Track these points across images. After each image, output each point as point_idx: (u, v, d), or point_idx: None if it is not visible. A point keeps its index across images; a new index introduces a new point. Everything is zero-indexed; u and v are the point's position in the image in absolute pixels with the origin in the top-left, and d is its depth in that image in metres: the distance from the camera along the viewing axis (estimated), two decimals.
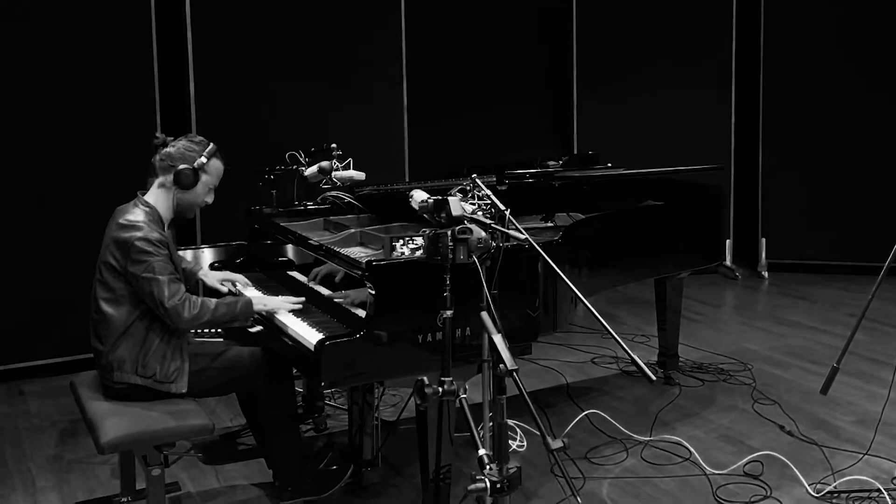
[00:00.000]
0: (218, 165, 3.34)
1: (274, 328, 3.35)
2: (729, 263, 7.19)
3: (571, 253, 3.38)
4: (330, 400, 4.51)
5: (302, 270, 3.88)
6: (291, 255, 4.04)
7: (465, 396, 2.28)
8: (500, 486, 2.00)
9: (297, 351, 3.11)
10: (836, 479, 3.60)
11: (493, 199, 2.80)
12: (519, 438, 4.02)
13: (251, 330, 3.70)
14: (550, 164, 4.40)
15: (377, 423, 3.68)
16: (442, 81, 6.79)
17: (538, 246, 2.58)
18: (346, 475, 3.60)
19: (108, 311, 3.18)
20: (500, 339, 2.04)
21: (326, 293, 3.48)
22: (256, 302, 3.35)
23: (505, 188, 3.63)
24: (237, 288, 3.75)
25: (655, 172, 4.51)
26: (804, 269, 7.15)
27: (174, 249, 3.29)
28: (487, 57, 7.03)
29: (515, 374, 1.97)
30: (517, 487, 2.02)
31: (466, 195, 2.43)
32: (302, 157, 4.28)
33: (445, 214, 2.30)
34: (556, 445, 1.86)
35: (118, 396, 3.23)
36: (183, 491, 3.70)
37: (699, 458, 3.82)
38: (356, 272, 3.08)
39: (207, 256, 4.25)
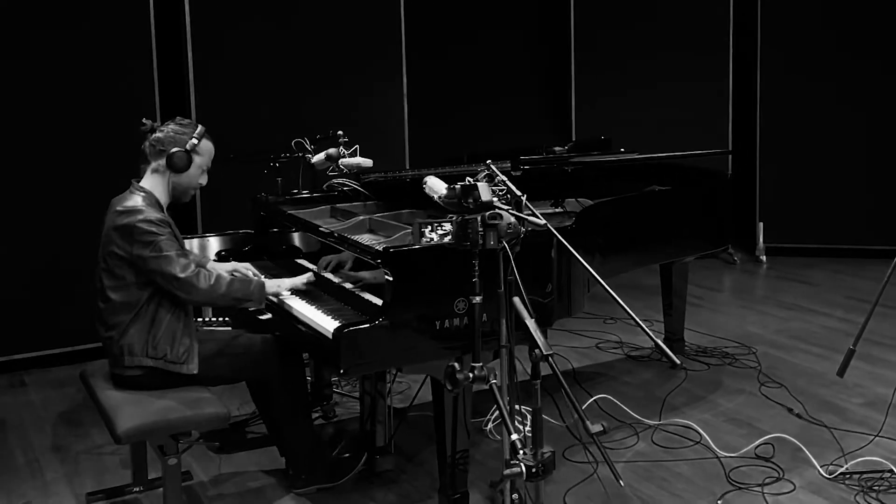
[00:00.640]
0: (209, 146, 3.32)
1: (287, 316, 3.34)
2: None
3: (585, 238, 3.36)
4: (338, 387, 4.50)
5: (309, 258, 3.86)
6: (298, 242, 4.02)
7: (495, 382, 2.27)
8: (535, 470, 2.00)
9: (313, 339, 3.09)
10: (847, 460, 3.62)
11: (508, 185, 2.79)
12: (529, 423, 4.02)
13: (261, 318, 3.70)
14: (556, 149, 4.38)
15: (390, 409, 3.68)
16: (440, 76, 6.75)
17: (557, 232, 2.58)
18: (359, 463, 3.59)
19: (114, 297, 3.16)
20: (533, 323, 2.03)
21: (337, 280, 3.47)
22: (270, 285, 3.37)
23: (519, 174, 3.62)
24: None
25: (665, 157, 4.51)
26: (801, 252, 7.17)
27: (177, 231, 3.27)
28: (485, 52, 7.00)
29: (551, 358, 1.97)
30: (552, 472, 2.02)
31: (492, 181, 2.41)
32: (307, 144, 4.26)
33: (473, 200, 2.29)
34: (595, 430, 1.86)
35: (130, 385, 3.21)
36: (195, 480, 3.69)
37: (710, 441, 3.83)
38: (371, 259, 3.07)
39: (214, 245, 4.22)
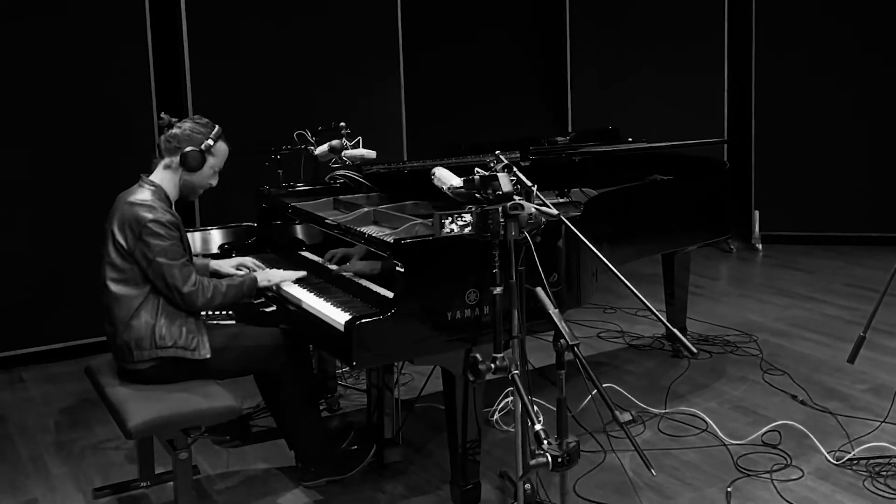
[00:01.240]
0: (224, 148, 3.32)
1: (297, 309, 3.33)
2: None
3: (593, 227, 3.36)
4: (342, 380, 4.49)
5: (312, 250, 3.85)
6: (301, 234, 4.01)
7: (517, 373, 2.26)
8: (560, 460, 2.00)
9: (323, 331, 3.08)
10: (853, 446, 3.64)
11: (519, 175, 2.78)
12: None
13: (266, 310, 3.69)
14: (559, 139, 4.38)
15: (397, 401, 3.67)
16: (437, 73, 6.71)
17: (569, 222, 2.57)
18: (368, 455, 3.58)
19: (118, 291, 3.14)
20: (557, 313, 2.03)
21: (348, 275, 3.45)
22: (261, 278, 3.40)
23: (528, 164, 3.61)
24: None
25: (669, 146, 4.51)
26: (797, 240, 7.20)
27: (184, 231, 3.25)
28: (481, 49, 6.96)
29: (577, 348, 1.96)
30: (577, 461, 2.02)
31: (511, 171, 2.39)
32: (309, 135, 4.24)
33: (492, 190, 2.28)
34: (625, 419, 1.86)
35: (139, 378, 3.19)
36: (202, 474, 3.68)
37: (716, 428, 3.84)
38: (383, 251, 3.06)
39: (216, 238, 4.20)
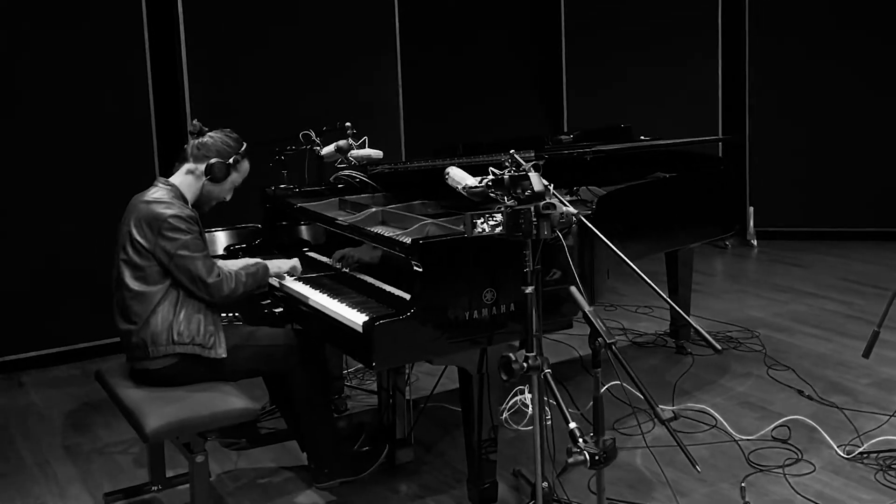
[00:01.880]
0: (247, 166, 3.41)
1: (310, 310, 3.32)
2: None
3: (605, 225, 3.36)
4: (348, 381, 4.48)
5: (318, 251, 3.84)
6: (306, 235, 4.00)
7: (549, 371, 2.27)
8: (598, 458, 2.01)
9: (340, 332, 3.08)
10: (863, 440, 3.66)
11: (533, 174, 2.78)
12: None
13: (276, 311, 3.69)
14: (563, 139, 4.39)
15: (409, 402, 3.67)
16: (434, 72, 6.71)
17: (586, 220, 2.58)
18: (381, 455, 3.58)
19: (139, 288, 3.14)
20: (593, 311, 2.03)
21: (361, 276, 3.45)
22: (272, 266, 3.44)
23: (542, 162, 3.61)
24: None
25: (681, 143, 4.56)
26: (791, 236, 7.24)
27: (202, 228, 3.25)
28: (479, 49, 6.97)
29: (614, 346, 1.96)
30: (614, 459, 2.02)
31: (539, 170, 2.39)
32: (313, 136, 4.22)
33: (522, 190, 2.28)
34: (667, 416, 1.87)
35: (154, 379, 3.18)
36: (213, 477, 3.66)
37: (726, 424, 3.86)
38: (399, 251, 3.05)
39: (221, 239, 4.19)
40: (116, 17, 5.07)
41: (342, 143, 3.98)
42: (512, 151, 2.88)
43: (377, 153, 3.98)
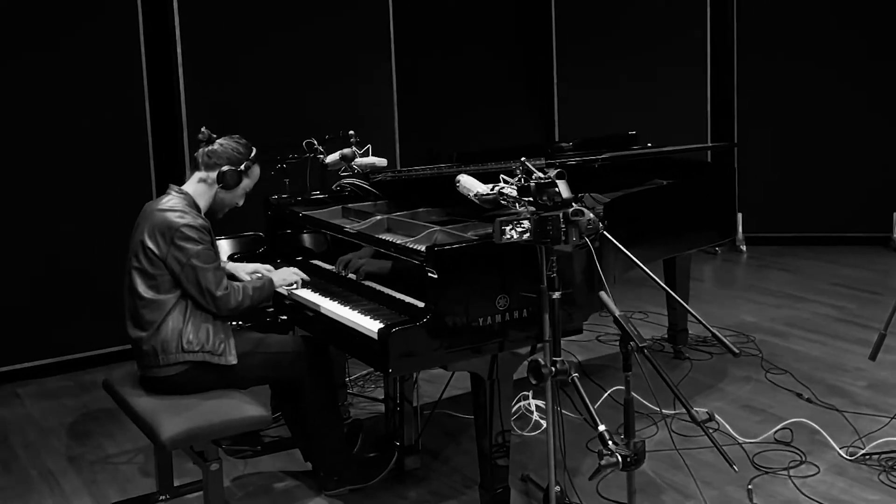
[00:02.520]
0: (257, 172, 3.42)
1: (320, 317, 3.33)
2: None
3: (611, 232, 3.40)
4: (351, 388, 4.49)
5: (322, 258, 3.85)
6: (309, 243, 4.01)
7: (576, 375, 2.29)
8: (630, 459, 2.04)
9: (353, 340, 3.10)
10: (865, 442, 3.72)
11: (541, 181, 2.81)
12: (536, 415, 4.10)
13: (281, 317, 3.70)
14: (563, 146, 4.43)
15: (416, 409, 3.69)
16: (428, 82, 6.74)
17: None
18: (390, 462, 3.59)
19: (150, 296, 3.15)
20: (623, 316, 2.06)
21: (371, 285, 3.46)
22: (277, 279, 3.47)
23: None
24: None
25: (683, 149, 4.64)
26: (779, 241, 7.32)
27: (214, 237, 3.27)
28: (470, 60, 6.99)
29: (646, 350, 1.99)
30: (644, 460, 2.05)
31: (564, 177, 2.42)
32: (316, 144, 4.24)
33: (548, 197, 2.31)
34: (702, 417, 1.90)
35: (164, 387, 3.18)
36: None
37: (728, 427, 3.90)
38: (414, 259, 3.07)
39: (225, 247, 4.18)
40: (113, 21, 5.06)
41: (347, 151, 4.00)
42: (523, 159, 2.92)
43: (381, 161, 4.01)
